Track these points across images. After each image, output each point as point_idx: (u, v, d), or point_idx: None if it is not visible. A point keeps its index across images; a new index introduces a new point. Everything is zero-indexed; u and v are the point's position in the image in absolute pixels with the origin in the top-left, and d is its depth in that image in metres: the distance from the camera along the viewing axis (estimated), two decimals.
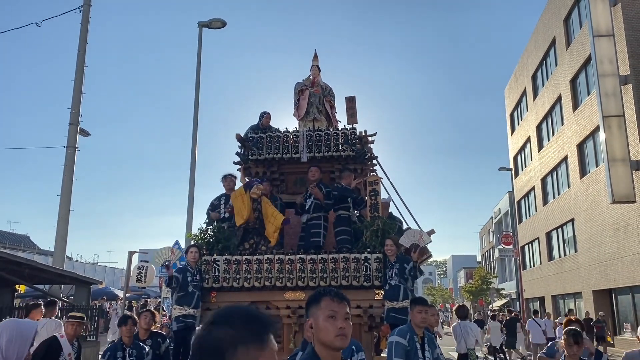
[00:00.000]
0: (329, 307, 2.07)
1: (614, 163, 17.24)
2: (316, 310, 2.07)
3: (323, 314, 2.06)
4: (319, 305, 2.08)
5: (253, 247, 7.31)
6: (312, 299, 2.13)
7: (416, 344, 4.33)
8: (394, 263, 6.53)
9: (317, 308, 2.08)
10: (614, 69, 17.90)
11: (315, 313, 2.07)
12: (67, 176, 15.75)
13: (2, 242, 35.03)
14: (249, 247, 7.30)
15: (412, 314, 4.56)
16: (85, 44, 16.66)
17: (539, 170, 29.74)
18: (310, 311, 2.10)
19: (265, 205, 7.27)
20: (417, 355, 4.30)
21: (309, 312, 2.11)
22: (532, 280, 32.09)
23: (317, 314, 2.07)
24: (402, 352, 4.30)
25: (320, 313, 2.07)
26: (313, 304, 2.10)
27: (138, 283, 10.90)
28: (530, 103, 31.44)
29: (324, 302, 2.09)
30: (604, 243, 21.08)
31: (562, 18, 25.33)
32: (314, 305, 2.09)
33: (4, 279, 13.11)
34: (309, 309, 2.11)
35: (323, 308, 2.08)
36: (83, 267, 38.54)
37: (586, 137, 22.71)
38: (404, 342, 4.33)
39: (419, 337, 4.39)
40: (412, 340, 4.34)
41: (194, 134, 14.34)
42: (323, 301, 2.10)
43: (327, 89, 9.05)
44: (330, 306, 2.07)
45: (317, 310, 2.07)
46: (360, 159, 7.89)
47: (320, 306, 2.09)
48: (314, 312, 2.08)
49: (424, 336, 4.45)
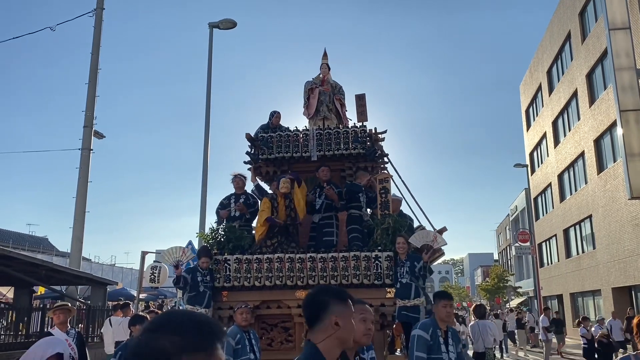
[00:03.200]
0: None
1: (632, 158, 16.91)
2: (344, 309, 2.04)
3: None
4: (347, 306, 2.06)
5: (275, 245, 7.23)
6: (334, 295, 2.07)
7: (439, 338, 4.26)
8: (405, 261, 6.48)
9: (345, 307, 2.04)
10: (630, 62, 17.56)
11: (344, 312, 2.03)
12: (82, 178, 15.95)
13: (22, 244, 35.58)
14: (270, 245, 7.25)
15: (436, 308, 4.45)
16: (99, 47, 16.86)
17: (556, 166, 29.37)
18: (334, 308, 2.03)
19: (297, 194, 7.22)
20: (440, 350, 4.23)
21: (332, 308, 2.03)
22: (549, 278, 31.71)
23: (345, 314, 2.03)
24: (424, 346, 4.23)
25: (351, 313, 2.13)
26: (339, 303, 2.05)
27: (151, 283, 10.98)
28: (545, 98, 31.06)
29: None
30: (623, 239, 20.74)
31: (578, 12, 24.98)
32: (340, 304, 2.04)
33: (22, 280, 13.31)
34: (331, 305, 2.04)
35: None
36: (100, 269, 38.98)
37: (603, 132, 22.37)
38: (426, 336, 4.26)
39: (442, 331, 4.32)
40: (435, 335, 4.28)
41: (205, 134, 14.41)
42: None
43: (337, 87, 9.02)
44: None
45: (346, 309, 2.04)
46: (370, 157, 7.84)
47: (349, 306, 2.13)
48: (342, 311, 2.03)
49: (447, 330, 4.38)
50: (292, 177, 7.27)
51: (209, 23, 14.91)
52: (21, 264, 12.39)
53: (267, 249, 7.17)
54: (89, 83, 16.62)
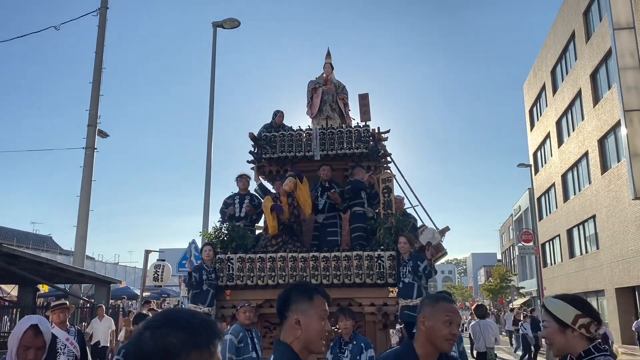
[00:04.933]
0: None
1: (636, 158, 16.91)
2: (307, 307, 2.03)
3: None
4: (313, 304, 2.05)
5: (279, 243, 7.24)
6: (300, 292, 2.08)
7: None
8: (408, 261, 6.48)
9: (309, 305, 2.04)
10: (635, 62, 17.55)
11: (307, 311, 2.03)
12: (86, 177, 15.99)
13: (26, 243, 35.72)
14: (275, 244, 7.27)
15: None
16: (103, 46, 16.90)
17: (559, 166, 29.30)
18: (297, 306, 2.04)
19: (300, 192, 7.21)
20: None
21: (294, 306, 2.04)
22: (553, 278, 31.64)
23: (309, 312, 2.02)
24: None
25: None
26: (302, 300, 2.05)
27: (155, 282, 11.01)
28: (549, 98, 30.98)
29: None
30: (627, 240, 20.68)
31: (582, 11, 24.90)
32: (303, 302, 2.05)
33: (26, 278, 13.37)
34: (293, 302, 2.05)
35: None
36: (104, 267, 39.09)
37: (607, 132, 22.30)
38: None
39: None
40: None
41: (209, 133, 14.41)
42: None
43: (341, 86, 9.02)
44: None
45: (310, 308, 2.03)
46: (373, 156, 7.84)
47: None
48: (305, 309, 2.03)
49: None
50: (293, 173, 7.27)
51: (213, 22, 14.91)
52: (25, 262, 12.44)
53: (271, 248, 7.18)
54: (93, 82, 16.65)
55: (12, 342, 2.79)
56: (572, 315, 2.23)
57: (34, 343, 2.77)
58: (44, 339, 2.84)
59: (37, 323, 2.84)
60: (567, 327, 2.23)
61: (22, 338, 2.78)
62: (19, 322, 2.93)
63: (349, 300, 6.75)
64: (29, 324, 2.82)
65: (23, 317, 3.12)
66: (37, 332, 2.81)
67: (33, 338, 2.79)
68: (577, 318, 2.22)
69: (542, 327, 2.39)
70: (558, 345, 2.26)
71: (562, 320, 2.24)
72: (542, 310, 2.44)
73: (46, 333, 2.87)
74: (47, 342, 2.86)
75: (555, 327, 2.26)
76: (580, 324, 2.21)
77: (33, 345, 2.76)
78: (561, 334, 2.24)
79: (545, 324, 2.34)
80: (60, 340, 5.52)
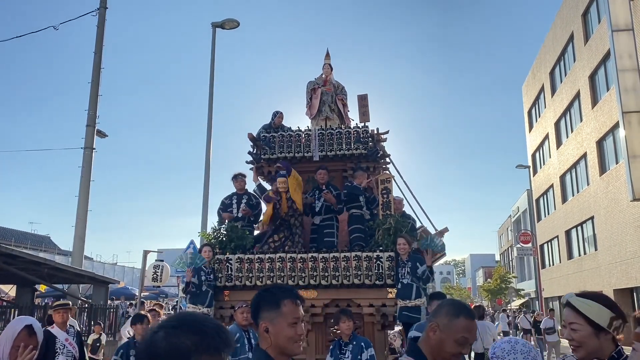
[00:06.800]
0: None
1: (634, 159, 16.92)
2: (274, 315, 2.00)
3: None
4: (279, 311, 2.01)
5: (282, 240, 7.25)
6: (265, 300, 2.05)
7: None
8: (406, 262, 6.49)
9: (275, 312, 2.01)
10: (633, 63, 17.56)
11: (274, 318, 1.99)
12: (84, 177, 15.98)
13: (24, 243, 35.65)
14: (277, 240, 7.27)
15: (430, 309, 4.55)
16: (102, 46, 16.89)
17: (558, 167, 29.33)
18: (263, 314, 2.02)
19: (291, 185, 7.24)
20: None
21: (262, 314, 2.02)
22: (551, 279, 31.67)
23: (276, 320, 1.99)
24: None
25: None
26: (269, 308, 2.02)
27: (154, 282, 11.00)
28: (548, 100, 31.01)
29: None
30: (625, 241, 20.70)
31: (581, 13, 24.94)
32: (270, 309, 2.02)
33: (24, 278, 13.36)
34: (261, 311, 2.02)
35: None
36: (102, 267, 39.07)
37: (605, 133, 22.33)
38: None
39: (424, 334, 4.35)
40: None
41: (208, 134, 14.41)
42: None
43: (340, 87, 9.03)
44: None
45: (276, 315, 2.00)
46: (372, 157, 7.85)
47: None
48: (272, 317, 2.00)
49: None
50: (282, 172, 7.27)
51: (212, 23, 14.92)
52: (23, 262, 12.43)
53: (274, 244, 7.20)
54: (91, 82, 16.64)
55: (4, 342, 2.79)
56: (608, 318, 2.07)
57: (28, 343, 2.78)
58: (38, 339, 2.86)
59: (31, 323, 2.85)
60: (601, 330, 2.07)
61: (17, 338, 2.78)
62: (11, 323, 2.94)
63: (347, 301, 6.75)
64: (24, 324, 2.83)
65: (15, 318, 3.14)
66: (32, 332, 2.82)
67: (28, 338, 2.80)
68: (612, 321, 2.08)
69: (570, 330, 2.15)
70: (590, 349, 2.09)
71: (597, 324, 2.08)
72: (566, 310, 2.21)
73: (39, 333, 2.88)
74: (39, 342, 2.88)
75: (589, 331, 2.09)
76: (615, 327, 2.08)
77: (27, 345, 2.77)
78: (595, 338, 2.08)
79: (575, 327, 2.13)
80: (60, 340, 5.52)
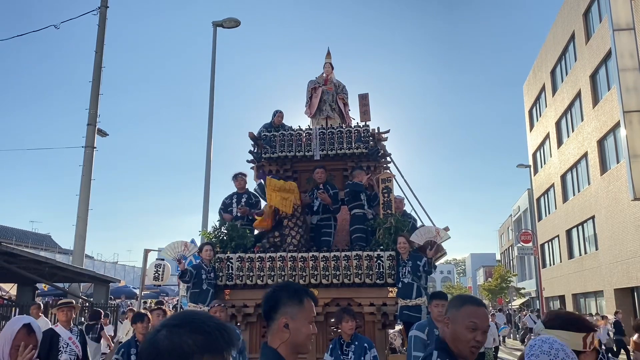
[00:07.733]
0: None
1: (635, 159, 16.91)
2: (297, 310, 1.95)
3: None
4: (303, 308, 1.97)
5: (282, 237, 7.28)
6: (288, 294, 1.98)
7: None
8: (407, 261, 6.49)
9: (299, 308, 1.96)
10: (634, 63, 17.55)
11: (297, 314, 1.94)
12: (85, 176, 15.99)
13: (25, 242, 35.69)
14: (278, 236, 7.28)
15: (430, 308, 4.58)
16: (103, 45, 16.89)
17: (559, 167, 29.31)
18: (285, 308, 1.96)
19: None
20: None
21: (283, 308, 1.96)
22: (552, 279, 31.65)
23: (298, 316, 1.94)
24: (422, 346, 4.28)
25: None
26: (292, 303, 1.97)
27: (155, 281, 11.00)
28: (549, 99, 30.99)
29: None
30: (626, 241, 20.69)
31: (582, 12, 24.91)
32: (293, 304, 1.96)
33: (25, 277, 13.37)
34: (282, 305, 1.97)
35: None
36: (103, 266, 39.10)
37: (606, 133, 22.31)
38: (423, 336, 4.33)
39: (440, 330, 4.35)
40: (432, 334, 4.32)
41: (209, 133, 14.41)
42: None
43: (340, 86, 9.03)
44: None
45: (300, 311, 1.95)
46: (373, 157, 7.84)
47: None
48: (294, 313, 1.94)
49: None
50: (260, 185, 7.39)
51: (213, 22, 14.90)
52: (24, 261, 12.44)
53: (274, 239, 7.24)
54: (92, 81, 16.65)
55: (4, 343, 2.80)
56: (581, 341, 2.11)
57: (28, 342, 2.79)
58: (37, 337, 2.86)
59: (29, 322, 2.86)
60: (580, 353, 2.09)
61: (16, 337, 2.79)
62: (9, 322, 2.95)
63: (348, 300, 6.75)
64: (22, 324, 2.84)
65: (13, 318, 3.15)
66: (30, 331, 2.83)
67: (27, 337, 2.81)
68: (585, 340, 2.12)
69: None
70: None
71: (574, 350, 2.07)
72: None
73: (38, 332, 2.89)
74: (39, 341, 2.88)
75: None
76: (589, 343, 2.12)
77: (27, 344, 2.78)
78: None
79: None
80: (63, 339, 5.52)
